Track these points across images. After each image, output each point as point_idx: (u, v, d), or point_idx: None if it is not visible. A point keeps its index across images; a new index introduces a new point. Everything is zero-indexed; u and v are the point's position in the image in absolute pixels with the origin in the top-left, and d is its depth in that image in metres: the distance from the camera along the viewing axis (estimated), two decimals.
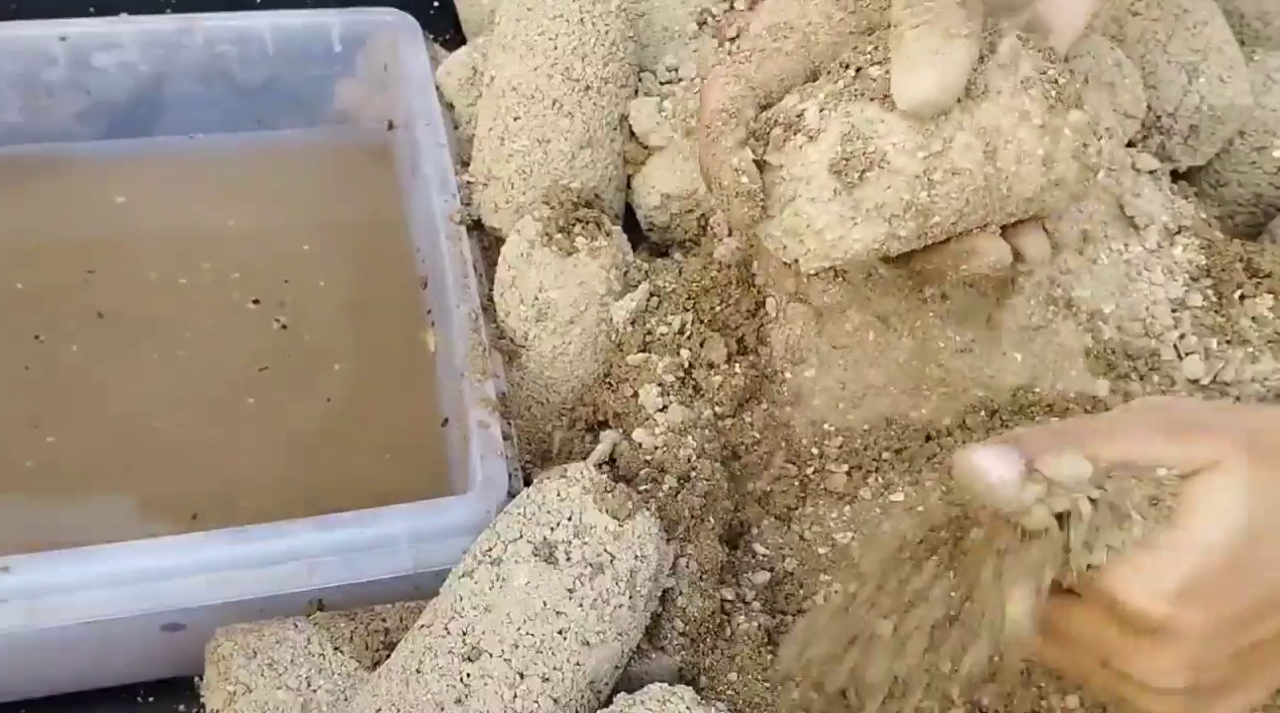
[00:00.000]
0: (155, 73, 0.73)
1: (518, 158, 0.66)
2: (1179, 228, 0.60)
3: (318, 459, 0.63)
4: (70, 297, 0.68)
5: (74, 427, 0.63)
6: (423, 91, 0.71)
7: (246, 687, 0.49)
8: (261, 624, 0.52)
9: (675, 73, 0.69)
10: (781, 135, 0.48)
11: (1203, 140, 0.68)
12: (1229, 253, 0.60)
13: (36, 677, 0.55)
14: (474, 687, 0.45)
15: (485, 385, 0.59)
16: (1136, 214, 0.59)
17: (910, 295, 0.60)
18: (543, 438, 0.64)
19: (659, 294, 0.63)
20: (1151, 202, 0.60)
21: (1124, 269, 0.59)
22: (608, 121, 0.66)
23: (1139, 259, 0.59)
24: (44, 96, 0.72)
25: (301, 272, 0.70)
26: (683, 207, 0.68)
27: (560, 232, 0.62)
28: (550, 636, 0.46)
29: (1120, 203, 0.60)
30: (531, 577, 0.46)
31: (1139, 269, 0.59)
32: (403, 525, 0.53)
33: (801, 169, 0.48)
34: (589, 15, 0.64)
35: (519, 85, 0.65)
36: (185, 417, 0.64)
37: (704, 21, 0.71)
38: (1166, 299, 0.59)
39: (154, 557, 0.51)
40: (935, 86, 0.45)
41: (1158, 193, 0.61)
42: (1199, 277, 0.60)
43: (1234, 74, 0.67)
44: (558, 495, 0.49)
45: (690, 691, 0.48)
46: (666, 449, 0.57)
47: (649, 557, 0.48)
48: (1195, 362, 0.58)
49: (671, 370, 0.60)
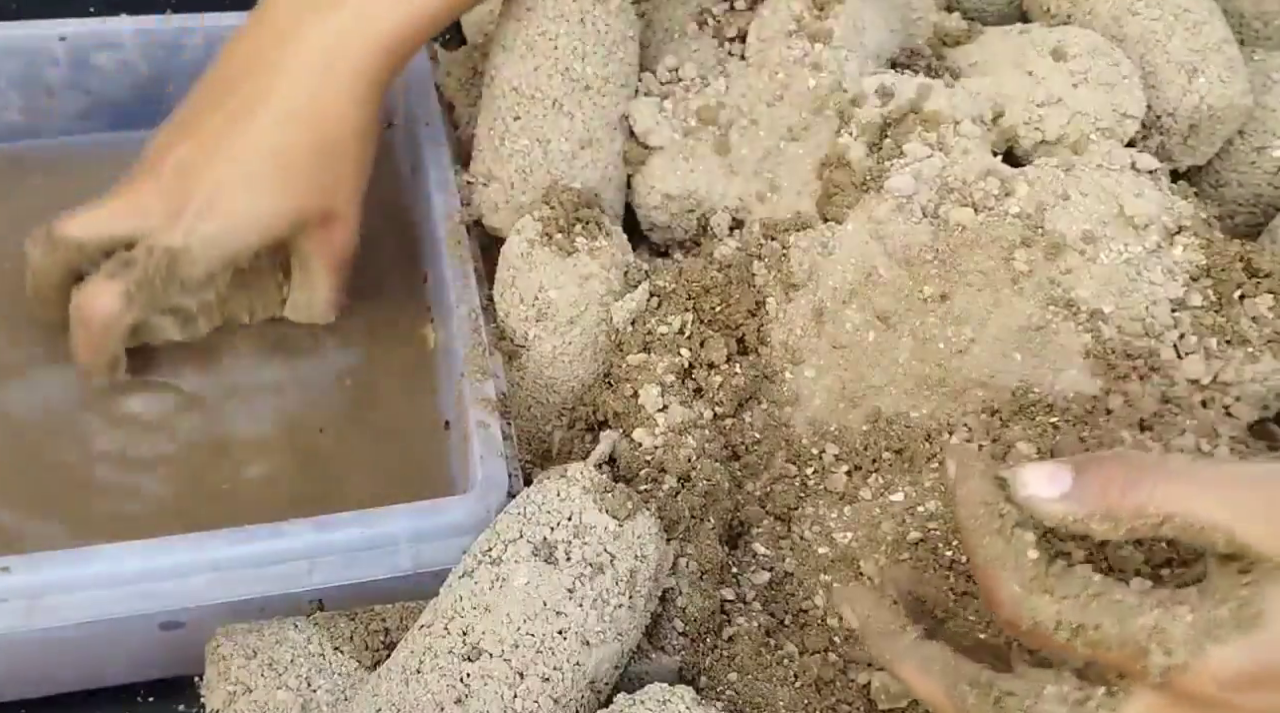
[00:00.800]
0: (155, 73, 0.73)
1: (518, 158, 0.66)
2: (1179, 228, 0.60)
3: (318, 459, 0.63)
4: None
5: (71, 425, 0.63)
6: (423, 91, 0.71)
7: (246, 687, 0.49)
8: (261, 624, 0.52)
9: (675, 73, 0.69)
10: None
11: (1202, 140, 0.68)
12: (1229, 253, 0.60)
13: (36, 677, 0.55)
14: (474, 687, 0.45)
15: (485, 385, 0.59)
16: (1136, 214, 0.59)
17: (910, 295, 0.60)
18: (543, 438, 0.64)
19: (659, 294, 0.63)
20: (1151, 202, 0.60)
21: (1124, 270, 0.58)
22: (608, 121, 0.66)
23: (1138, 259, 0.59)
24: (44, 96, 0.72)
25: None
26: (683, 207, 0.68)
27: (560, 232, 0.62)
28: (550, 636, 0.46)
29: (1120, 203, 0.60)
30: (531, 577, 0.46)
31: (1139, 269, 0.59)
32: (403, 525, 0.53)
33: None
34: (589, 15, 0.64)
35: (519, 85, 0.65)
36: (183, 416, 0.64)
37: (704, 21, 0.71)
38: (1166, 299, 0.59)
39: (154, 557, 0.51)
40: None
41: (1157, 193, 0.61)
42: (1199, 276, 0.59)
43: (1234, 74, 0.67)
44: (558, 495, 0.49)
45: (690, 691, 0.48)
46: (666, 449, 0.57)
47: (649, 557, 0.48)
48: (1196, 361, 0.58)
49: (671, 370, 0.60)
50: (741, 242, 0.66)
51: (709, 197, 0.68)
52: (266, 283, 0.66)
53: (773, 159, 0.67)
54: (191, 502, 0.61)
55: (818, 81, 0.65)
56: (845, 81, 0.65)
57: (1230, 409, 0.58)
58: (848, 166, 0.63)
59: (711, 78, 0.68)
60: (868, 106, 0.64)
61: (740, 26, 0.70)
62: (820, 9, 0.65)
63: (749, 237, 0.65)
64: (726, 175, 0.67)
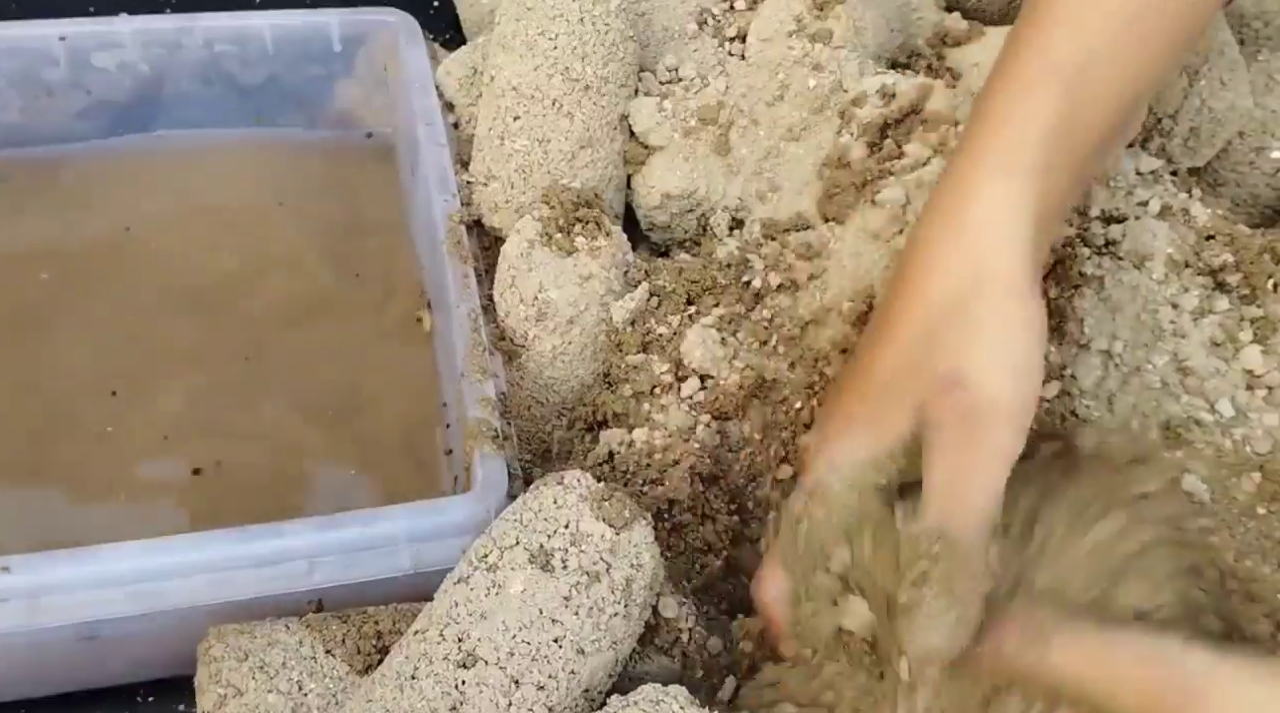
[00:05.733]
0: (155, 72, 0.73)
1: (518, 158, 0.66)
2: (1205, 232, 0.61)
3: (317, 459, 0.63)
4: (69, 296, 0.68)
5: (71, 427, 0.63)
6: (423, 91, 0.71)
7: (237, 689, 0.49)
8: (253, 626, 0.52)
9: (675, 73, 0.69)
10: None
11: (1203, 142, 0.68)
12: (1254, 246, 0.61)
13: (36, 677, 0.55)
14: (469, 694, 0.45)
15: (485, 385, 0.59)
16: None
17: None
18: (543, 438, 0.64)
19: (659, 294, 0.63)
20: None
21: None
22: (608, 121, 0.66)
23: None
24: (44, 96, 0.72)
25: (300, 271, 0.70)
26: (683, 207, 0.68)
27: (560, 231, 0.62)
28: (546, 643, 0.46)
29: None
30: (528, 584, 0.46)
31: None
32: (402, 525, 0.53)
33: None
34: (589, 15, 0.64)
35: (519, 85, 0.65)
36: (184, 416, 0.64)
37: (704, 21, 0.71)
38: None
39: (154, 556, 0.51)
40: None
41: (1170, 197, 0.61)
42: (1230, 272, 0.60)
43: (1235, 76, 0.67)
44: (554, 503, 0.49)
45: (684, 691, 0.47)
46: (666, 450, 0.57)
47: (645, 565, 0.48)
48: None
49: (671, 371, 0.60)
50: (741, 242, 0.66)
51: (709, 197, 0.68)
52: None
53: (773, 159, 0.67)
54: (191, 501, 0.61)
55: (818, 81, 0.65)
56: (845, 81, 0.65)
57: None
58: (848, 167, 0.63)
59: (711, 78, 0.68)
60: (868, 107, 0.64)
61: (740, 26, 0.70)
62: (820, 9, 0.65)
63: (749, 237, 0.65)
64: (726, 175, 0.68)
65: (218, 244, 0.71)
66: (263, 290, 0.69)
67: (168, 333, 0.67)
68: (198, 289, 0.69)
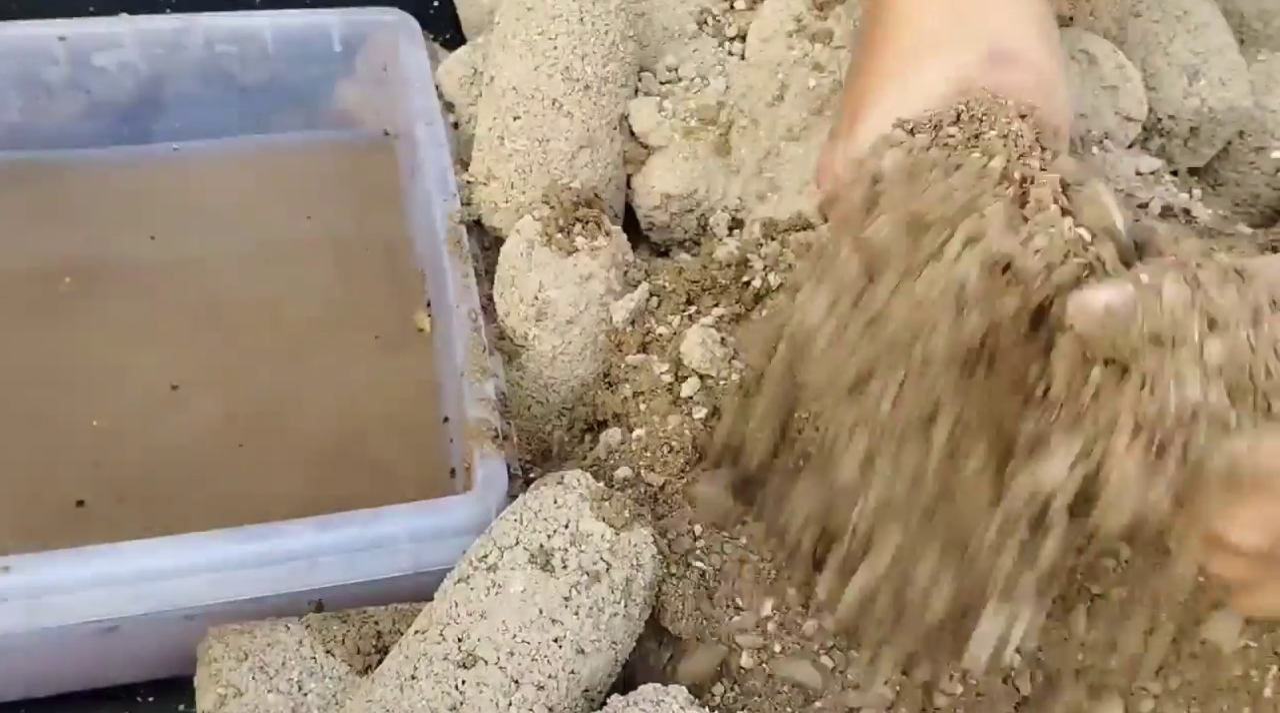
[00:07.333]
0: (155, 73, 0.73)
1: (518, 157, 0.66)
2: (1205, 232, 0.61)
3: (317, 459, 0.63)
4: (69, 296, 0.68)
5: (70, 426, 0.63)
6: (423, 91, 0.71)
7: (237, 689, 0.49)
8: (253, 626, 0.52)
9: (675, 73, 0.69)
10: None
11: (1203, 142, 0.68)
12: (1254, 246, 0.60)
13: (36, 677, 0.55)
14: (469, 694, 0.45)
15: (485, 385, 0.59)
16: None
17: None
18: (543, 438, 0.64)
19: (659, 294, 0.63)
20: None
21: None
22: (608, 121, 0.66)
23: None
24: (44, 96, 0.72)
25: (301, 271, 0.71)
26: (683, 207, 0.68)
27: (560, 231, 0.62)
28: (546, 643, 0.46)
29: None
30: (528, 584, 0.46)
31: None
32: (403, 525, 0.53)
33: None
34: (589, 15, 0.64)
35: (519, 85, 0.65)
36: (184, 416, 0.64)
37: (704, 21, 0.71)
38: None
39: (154, 556, 0.51)
40: None
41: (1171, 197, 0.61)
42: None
43: (1234, 76, 0.67)
44: (554, 503, 0.48)
45: (683, 690, 0.48)
46: (666, 450, 0.57)
47: (645, 565, 0.48)
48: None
49: (671, 371, 0.60)
50: (741, 242, 0.66)
51: (709, 197, 0.68)
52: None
53: (773, 159, 0.67)
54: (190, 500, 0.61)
55: (818, 81, 0.65)
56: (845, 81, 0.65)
57: None
58: None
59: (711, 78, 0.68)
60: None
61: (740, 26, 0.70)
62: (820, 9, 0.65)
63: (749, 237, 0.65)
64: (726, 175, 0.68)
65: (216, 243, 0.71)
66: (261, 290, 0.69)
67: (168, 333, 0.67)
68: (197, 287, 0.69)
